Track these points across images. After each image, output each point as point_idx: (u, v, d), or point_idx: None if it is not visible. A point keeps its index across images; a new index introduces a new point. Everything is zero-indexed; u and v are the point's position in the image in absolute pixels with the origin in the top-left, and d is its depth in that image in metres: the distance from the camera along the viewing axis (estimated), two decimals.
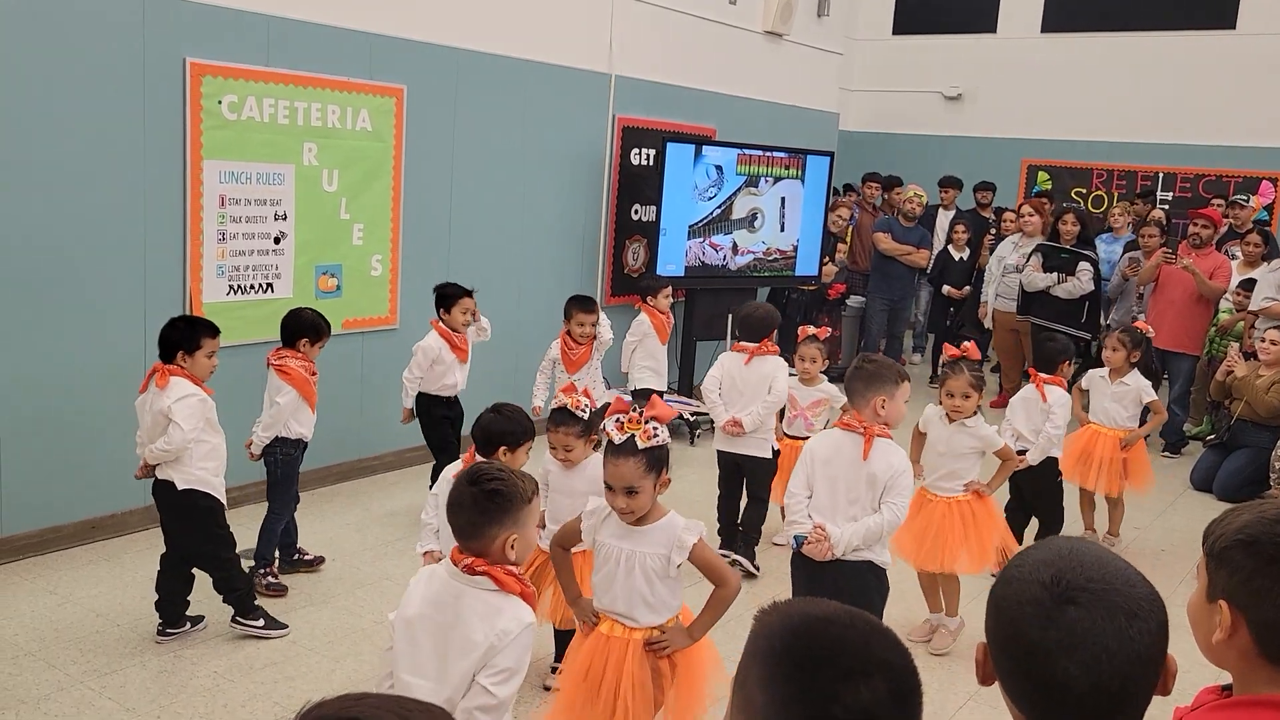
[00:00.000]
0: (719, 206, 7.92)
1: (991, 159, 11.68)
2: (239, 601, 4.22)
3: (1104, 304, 8.65)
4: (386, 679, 2.49)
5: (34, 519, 4.84)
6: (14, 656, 3.96)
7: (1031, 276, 8.26)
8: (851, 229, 9.96)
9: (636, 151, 7.83)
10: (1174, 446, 7.99)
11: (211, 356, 4.09)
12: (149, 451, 4.01)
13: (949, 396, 4.48)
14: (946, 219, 10.32)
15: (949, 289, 9.77)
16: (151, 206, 5.04)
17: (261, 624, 4.23)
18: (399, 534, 5.44)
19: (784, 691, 1.19)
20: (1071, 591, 1.30)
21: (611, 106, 7.57)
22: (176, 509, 4.09)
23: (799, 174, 8.38)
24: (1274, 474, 6.12)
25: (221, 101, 5.19)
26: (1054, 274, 8.15)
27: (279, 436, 4.65)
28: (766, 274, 8.49)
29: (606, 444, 2.91)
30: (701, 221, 7.85)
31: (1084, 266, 8.05)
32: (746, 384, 5.13)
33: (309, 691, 3.87)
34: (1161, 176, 11.16)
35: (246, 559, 4.92)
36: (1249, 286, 7.69)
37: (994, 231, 10.02)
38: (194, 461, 4.03)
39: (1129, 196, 10.84)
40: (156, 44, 4.95)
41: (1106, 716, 1.30)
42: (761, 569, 5.23)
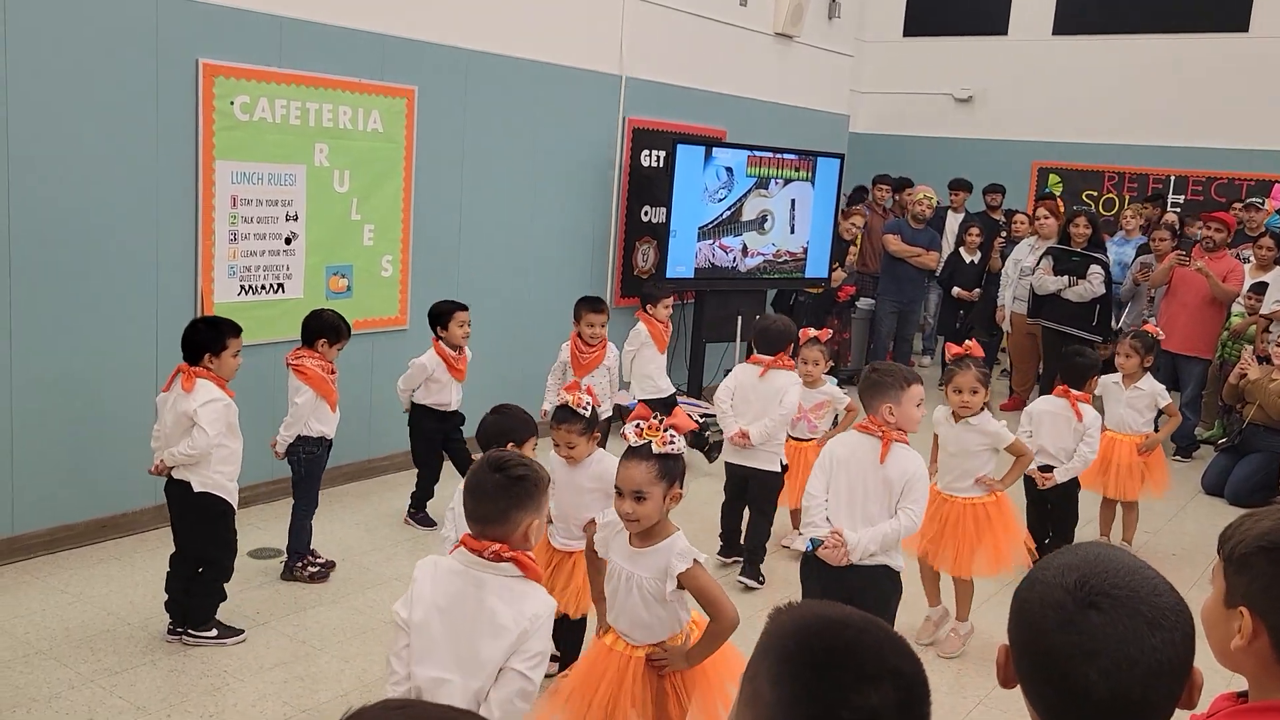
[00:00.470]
0: (729, 208, 7.92)
1: (1002, 161, 11.63)
2: (201, 612, 4.16)
3: (1115, 307, 8.62)
4: (404, 680, 2.43)
5: (45, 517, 4.85)
6: (25, 655, 3.97)
7: (1042, 280, 8.23)
8: (861, 232, 9.94)
9: (647, 153, 7.83)
10: (1185, 451, 7.96)
11: (237, 355, 4.14)
12: (169, 454, 4.03)
13: (956, 393, 4.47)
14: (956, 221, 10.28)
15: (960, 291, 9.74)
16: (164, 207, 5.06)
17: (215, 634, 4.17)
18: (408, 534, 5.45)
19: (793, 690, 1.20)
20: (1095, 596, 1.28)
21: (622, 108, 7.57)
22: (190, 510, 4.11)
23: (809, 176, 8.38)
24: None
25: (234, 102, 5.21)
26: (1065, 277, 8.13)
27: (301, 435, 4.73)
28: (776, 276, 8.49)
29: (626, 449, 2.90)
30: (711, 223, 7.84)
31: (1095, 269, 8.02)
32: (759, 396, 5.12)
33: (319, 691, 3.88)
34: (1173, 179, 11.10)
35: (269, 556, 4.94)
36: (1261, 290, 7.67)
37: (1004, 234, 9.99)
38: (212, 465, 4.06)
39: (1140, 199, 10.79)
40: (169, 45, 4.97)
41: None
42: (771, 572, 5.23)
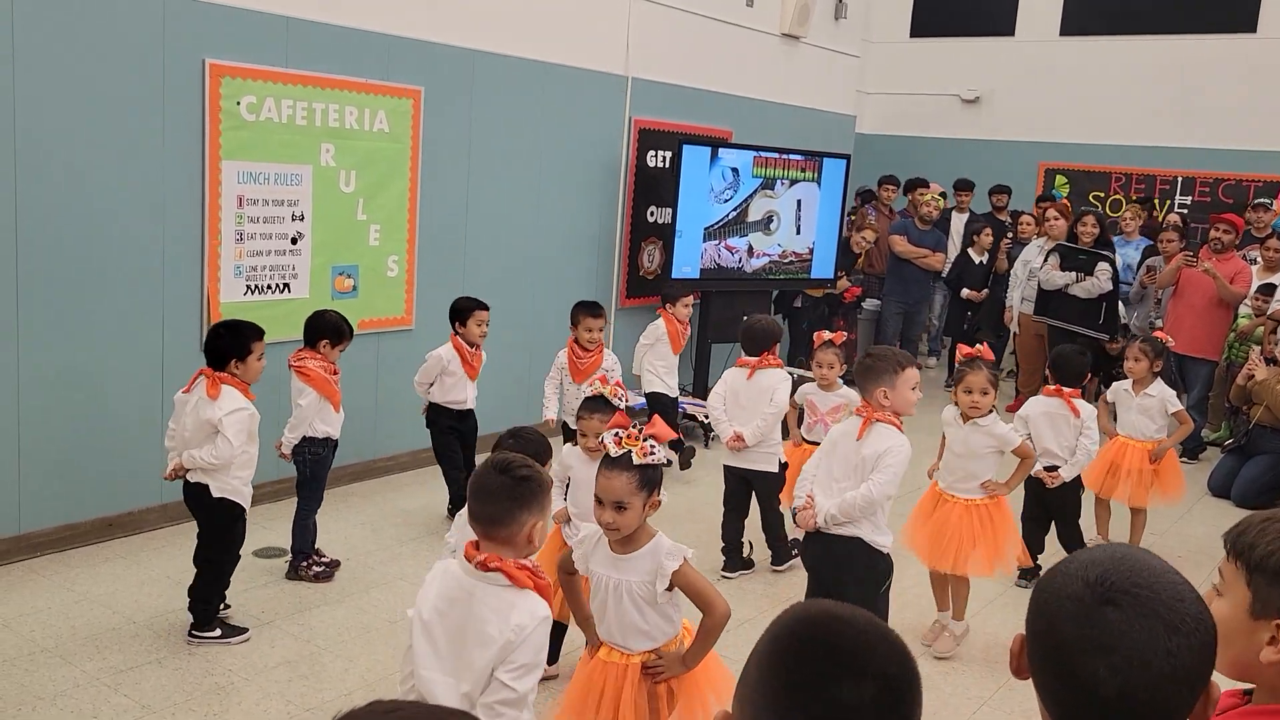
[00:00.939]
0: (735, 209, 7.92)
1: (1009, 162, 11.60)
2: (204, 613, 4.18)
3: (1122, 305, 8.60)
4: (409, 679, 2.49)
5: (52, 516, 4.87)
6: (30, 653, 3.99)
7: (1050, 275, 8.21)
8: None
9: (653, 153, 7.83)
10: (1192, 452, 7.93)
11: (261, 358, 4.16)
12: (188, 457, 4.04)
13: (966, 393, 4.45)
14: (961, 222, 10.27)
15: (968, 291, 9.72)
16: (170, 207, 5.07)
17: (219, 633, 4.18)
18: (413, 534, 5.46)
19: (774, 675, 1.22)
20: (1114, 593, 1.27)
21: (628, 108, 7.57)
22: (201, 511, 4.16)
23: (815, 177, 8.37)
24: None
25: (240, 102, 5.22)
26: (1072, 273, 8.11)
27: (306, 436, 4.73)
28: (782, 277, 8.48)
29: (603, 457, 2.88)
30: (717, 224, 7.84)
31: (1103, 266, 8.00)
32: (749, 398, 5.13)
33: (323, 691, 3.88)
34: (1180, 181, 11.07)
35: (275, 555, 4.95)
36: (1269, 291, 7.64)
37: (1010, 235, 9.97)
38: (231, 471, 4.08)
39: (1146, 201, 10.77)
40: (176, 45, 4.98)
41: None
42: (782, 567, 5.28)
